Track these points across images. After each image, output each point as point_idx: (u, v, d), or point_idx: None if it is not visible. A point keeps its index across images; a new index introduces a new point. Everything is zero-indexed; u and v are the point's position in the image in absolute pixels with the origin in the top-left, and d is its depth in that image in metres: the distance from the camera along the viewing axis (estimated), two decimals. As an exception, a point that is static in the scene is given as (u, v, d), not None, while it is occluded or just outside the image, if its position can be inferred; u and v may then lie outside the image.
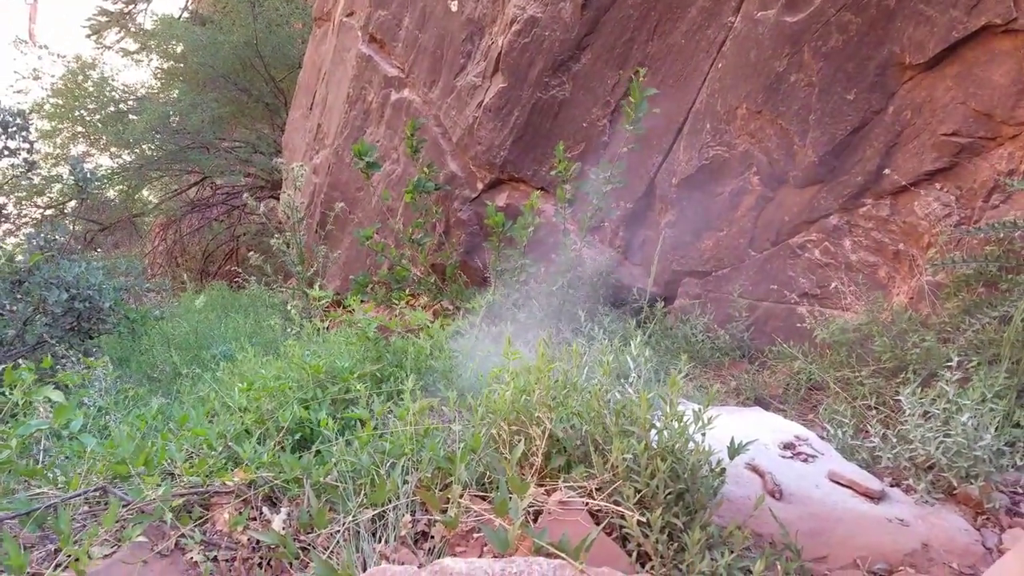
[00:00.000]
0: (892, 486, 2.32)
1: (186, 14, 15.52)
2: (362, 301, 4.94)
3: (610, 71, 4.16)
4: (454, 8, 5.02)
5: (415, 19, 5.45)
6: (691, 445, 1.76)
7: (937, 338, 2.72)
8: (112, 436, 1.88)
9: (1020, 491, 2.23)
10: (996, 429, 2.21)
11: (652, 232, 4.22)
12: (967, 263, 2.77)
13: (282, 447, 1.89)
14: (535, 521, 1.60)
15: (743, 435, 2.03)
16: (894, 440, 2.32)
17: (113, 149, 11.57)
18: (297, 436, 1.99)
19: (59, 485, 1.77)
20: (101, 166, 11.32)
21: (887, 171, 3.08)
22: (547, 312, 4.07)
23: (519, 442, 1.70)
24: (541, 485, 1.70)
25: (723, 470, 1.96)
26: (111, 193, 11.85)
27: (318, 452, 1.82)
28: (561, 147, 4.01)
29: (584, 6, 4.13)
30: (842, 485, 2.25)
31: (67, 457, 1.98)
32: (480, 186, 4.95)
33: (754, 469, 2.28)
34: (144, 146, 11.18)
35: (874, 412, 2.41)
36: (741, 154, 3.59)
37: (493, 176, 4.83)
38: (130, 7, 15.55)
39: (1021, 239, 2.74)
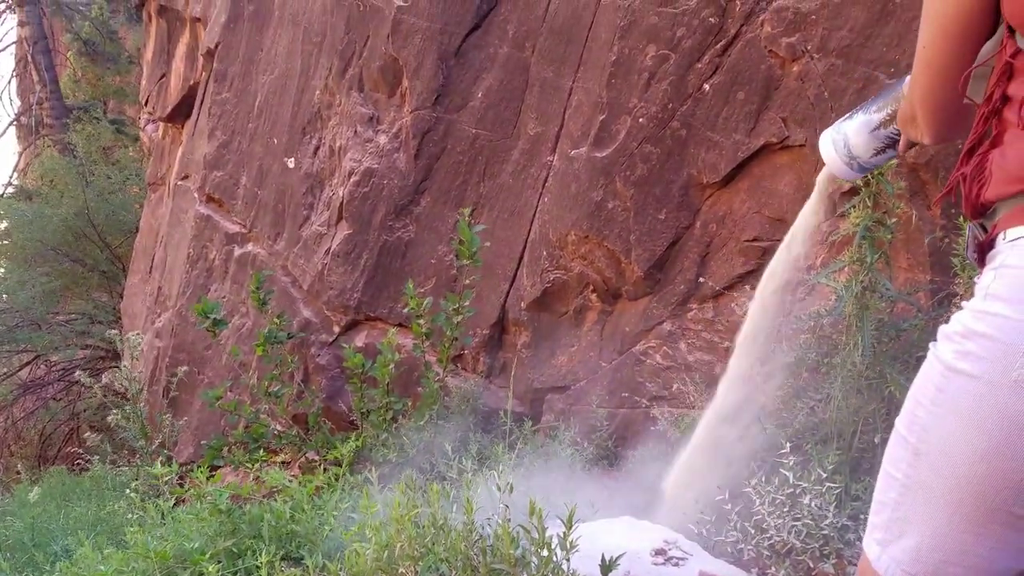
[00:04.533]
0: (760, 577, 2.38)
1: (11, 189, 14.81)
2: (215, 467, 4.57)
3: (449, 211, 4.39)
4: (291, 165, 5.16)
5: (252, 177, 5.52)
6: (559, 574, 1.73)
7: (775, 425, 2.93)
8: None
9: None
10: (836, 506, 2.37)
11: (511, 354, 4.32)
12: (787, 353, 3.06)
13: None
14: None
15: (615, 547, 2.02)
16: (752, 531, 2.41)
17: (-70, 339, 10.41)
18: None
19: None
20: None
21: (702, 279, 3.41)
22: (419, 448, 3.96)
23: (377, 607, 1.59)
24: (407, 651, 1.58)
25: (596, 593, 1.93)
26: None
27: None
28: (411, 285, 4.10)
29: (416, 155, 4.39)
30: (714, 585, 2.29)
31: None
32: (337, 329, 4.90)
33: (630, 584, 2.27)
34: (-35, 332, 10.15)
35: (730, 506, 2.51)
36: (578, 275, 3.85)
37: (349, 318, 4.81)
38: (-55, 185, 14.56)
39: (830, 325, 3.08)
